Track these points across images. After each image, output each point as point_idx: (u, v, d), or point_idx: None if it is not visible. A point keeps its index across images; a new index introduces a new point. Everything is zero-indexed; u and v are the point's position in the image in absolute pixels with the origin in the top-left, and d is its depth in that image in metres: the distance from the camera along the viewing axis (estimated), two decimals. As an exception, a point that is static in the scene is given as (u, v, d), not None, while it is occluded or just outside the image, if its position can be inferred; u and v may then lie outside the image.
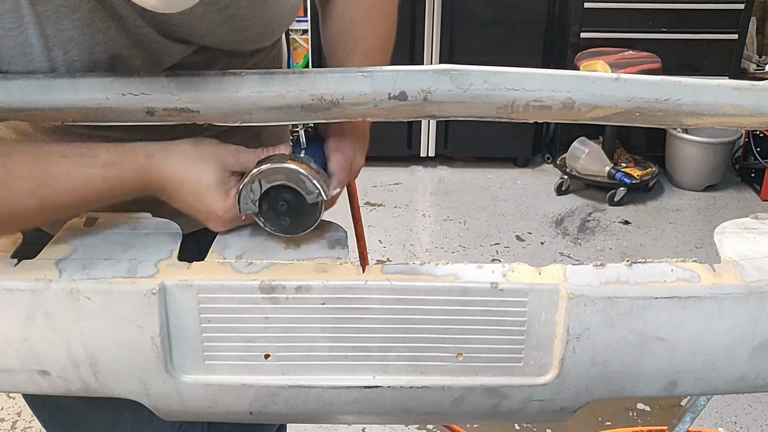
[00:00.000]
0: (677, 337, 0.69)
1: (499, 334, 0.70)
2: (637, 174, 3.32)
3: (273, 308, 0.69)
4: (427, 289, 0.69)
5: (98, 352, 0.70)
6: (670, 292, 0.68)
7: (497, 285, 0.68)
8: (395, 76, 0.72)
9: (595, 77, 0.73)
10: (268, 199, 0.73)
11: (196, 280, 0.69)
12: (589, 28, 3.38)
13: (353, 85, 0.72)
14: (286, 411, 0.74)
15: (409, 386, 0.72)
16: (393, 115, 0.75)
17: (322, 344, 0.70)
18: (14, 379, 0.73)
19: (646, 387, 0.73)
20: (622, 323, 0.68)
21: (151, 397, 0.73)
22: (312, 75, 0.73)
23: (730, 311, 0.68)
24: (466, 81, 0.72)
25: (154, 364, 0.70)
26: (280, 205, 0.73)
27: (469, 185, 3.57)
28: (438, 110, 0.74)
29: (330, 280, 0.69)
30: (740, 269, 0.70)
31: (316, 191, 0.72)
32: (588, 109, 0.74)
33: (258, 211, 0.73)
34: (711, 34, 3.37)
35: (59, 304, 0.68)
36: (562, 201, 3.41)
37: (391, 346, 0.71)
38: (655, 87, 0.73)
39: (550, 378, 0.71)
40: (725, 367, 0.71)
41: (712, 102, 0.74)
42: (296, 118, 0.75)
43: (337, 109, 0.74)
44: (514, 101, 0.73)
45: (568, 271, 0.70)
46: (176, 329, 0.69)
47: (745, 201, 3.44)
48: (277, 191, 0.73)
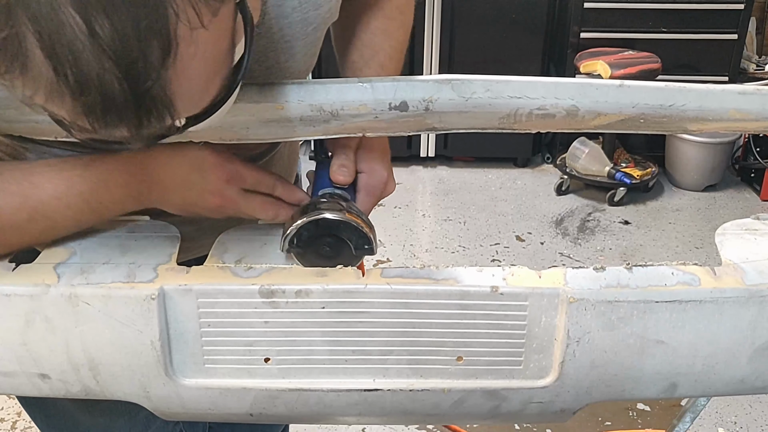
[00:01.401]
0: (677, 341, 0.69)
1: (499, 338, 0.70)
2: (637, 174, 3.32)
3: (273, 312, 0.69)
4: (427, 293, 0.68)
5: (98, 356, 0.70)
6: (671, 295, 0.68)
7: (497, 289, 0.68)
8: (396, 86, 0.71)
9: (599, 84, 0.72)
10: (314, 242, 0.72)
11: (196, 284, 0.68)
12: (589, 28, 3.38)
13: (353, 95, 0.71)
14: (287, 413, 0.74)
15: (409, 389, 0.72)
16: (394, 128, 0.73)
17: (322, 348, 0.70)
18: (14, 382, 0.73)
19: (646, 389, 0.73)
20: (623, 327, 0.68)
21: (151, 400, 0.73)
22: (311, 85, 0.72)
23: (731, 315, 0.68)
24: (468, 90, 0.71)
25: (154, 367, 0.70)
26: (324, 249, 0.72)
27: (468, 185, 3.56)
28: (439, 121, 0.73)
29: (330, 284, 0.69)
30: (741, 272, 0.70)
31: (365, 247, 0.72)
32: (592, 116, 0.73)
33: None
34: (711, 34, 3.37)
35: (58, 309, 0.68)
36: (562, 201, 3.41)
37: (391, 350, 0.70)
38: (660, 93, 0.73)
39: (550, 381, 0.71)
40: (725, 369, 0.71)
41: (717, 107, 0.74)
42: (295, 134, 0.73)
43: (337, 122, 0.72)
44: (517, 110, 0.72)
45: (568, 274, 0.69)
46: (176, 333, 0.69)
47: (745, 201, 3.44)
48: (327, 237, 0.72)
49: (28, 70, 0.45)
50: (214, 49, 0.51)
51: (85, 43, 0.44)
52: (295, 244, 0.71)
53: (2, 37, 0.44)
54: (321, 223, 0.71)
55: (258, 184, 0.75)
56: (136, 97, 0.47)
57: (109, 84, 0.45)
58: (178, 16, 0.46)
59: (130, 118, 0.48)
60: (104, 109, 0.46)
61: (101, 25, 0.43)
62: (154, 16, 0.45)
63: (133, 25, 0.44)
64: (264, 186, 0.75)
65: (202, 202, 0.73)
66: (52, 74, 0.45)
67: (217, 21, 0.49)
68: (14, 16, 0.43)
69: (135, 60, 0.45)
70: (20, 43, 0.44)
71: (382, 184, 0.81)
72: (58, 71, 0.45)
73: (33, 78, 0.45)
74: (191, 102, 0.52)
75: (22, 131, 0.71)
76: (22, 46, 0.44)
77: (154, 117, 0.48)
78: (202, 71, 0.51)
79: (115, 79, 0.45)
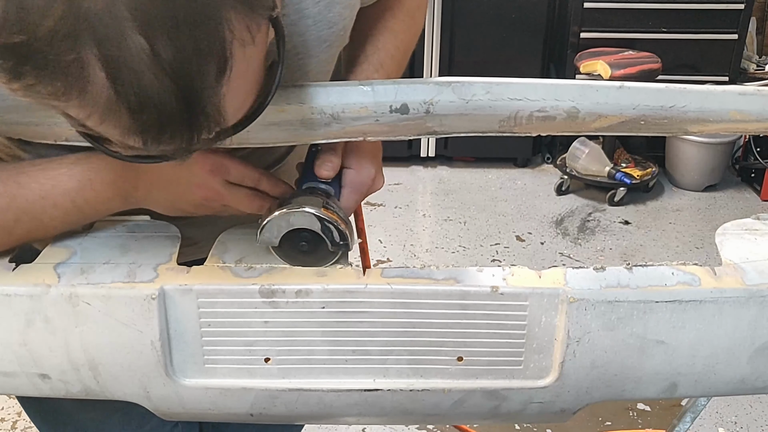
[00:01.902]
0: (677, 341, 0.69)
1: (499, 338, 0.70)
2: (637, 174, 3.32)
3: (273, 312, 0.69)
4: (428, 293, 0.69)
5: (98, 356, 0.70)
6: (671, 295, 0.68)
7: (497, 289, 0.68)
8: (396, 89, 0.71)
9: (599, 86, 0.72)
10: (290, 235, 0.72)
11: (196, 284, 0.68)
12: (589, 28, 3.38)
13: (354, 98, 0.71)
14: (287, 413, 0.74)
15: (410, 389, 0.72)
16: (394, 132, 0.73)
17: (323, 348, 0.70)
18: (14, 382, 0.73)
19: (646, 389, 0.73)
20: (623, 327, 0.68)
21: (151, 400, 0.73)
22: (312, 88, 0.71)
23: (731, 315, 0.68)
24: (469, 92, 0.71)
25: (154, 367, 0.70)
26: (300, 244, 0.72)
27: (469, 185, 3.56)
28: (440, 124, 0.73)
29: (330, 284, 0.69)
30: (741, 272, 0.70)
31: (342, 243, 0.71)
32: (593, 118, 0.73)
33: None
34: (711, 34, 3.36)
35: (58, 310, 0.68)
36: (562, 201, 3.41)
37: (391, 350, 0.71)
38: (660, 94, 0.73)
39: (550, 381, 0.71)
40: (725, 369, 0.72)
41: (718, 108, 0.74)
42: (296, 137, 0.73)
43: (338, 125, 0.72)
44: (517, 112, 0.72)
45: (569, 274, 0.69)
46: (176, 333, 0.69)
47: (745, 201, 3.44)
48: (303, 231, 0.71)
49: (87, 92, 0.46)
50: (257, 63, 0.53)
51: (148, 64, 0.45)
52: (269, 237, 0.71)
53: (67, 61, 0.45)
54: (296, 217, 0.71)
55: (242, 176, 0.75)
56: (192, 114, 0.48)
57: (168, 102, 0.47)
58: (234, 35, 0.48)
59: (183, 134, 0.49)
60: (160, 127, 0.48)
61: (164, 47, 0.45)
62: (212, 37, 0.47)
63: (193, 46, 0.46)
64: (249, 179, 0.75)
65: (189, 195, 0.74)
66: (113, 94, 0.46)
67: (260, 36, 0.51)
68: (81, 41, 0.44)
69: (193, 79, 0.47)
70: (83, 67, 0.45)
71: (369, 181, 0.80)
72: (119, 92, 0.46)
73: (91, 99, 0.47)
74: (237, 113, 0.54)
75: (22, 134, 0.71)
76: (85, 70, 0.45)
77: (206, 131, 0.50)
78: (247, 85, 0.53)
79: (173, 98, 0.47)
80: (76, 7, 0.43)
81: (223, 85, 0.49)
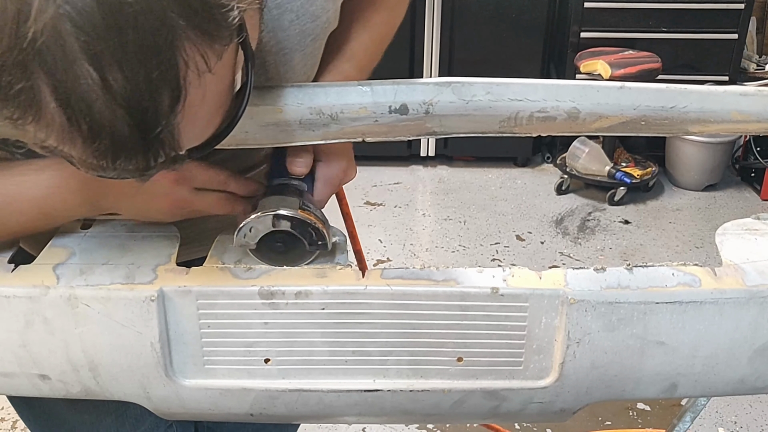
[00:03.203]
0: (678, 341, 0.69)
1: (499, 339, 0.70)
2: (637, 173, 3.32)
3: (273, 313, 0.69)
4: (427, 294, 0.68)
5: (98, 357, 0.70)
6: (671, 296, 0.68)
7: (497, 290, 0.68)
8: (396, 89, 0.71)
9: (600, 86, 0.72)
10: (267, 237, 0.71)
11: (195, 286, 0.68)
12: (589, 27, 3.38)
13: (353, 98, 0.70)
14: (287, 413, 0.74)
15: (409, 390, 0.72)
16: (394, 132, 0.73)
17: (322, 348, 0.70)
18: (14, 382, 0.73)
19: (646, 390, 0.73)
20: (623, 328, 0.68)
21: (151, 400, 0.73)
22: (310, 88, 0.71)
23: (731, 315, 0.68)
24: (469, 92, 0.71)
25: (153, 368, 0.70)
26: (277, 245, 0.72)
27: (469, 185, 3.56)
28: (439, 125, 0.73)
29: (330, 286, 0.69)
30: (741, 273, 0.70)
31: (319, 243, 0.71)
32: (593, 119, 0.72)
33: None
34: (711, 34, 3.36)
35: (58, 311, 0.68)
36: (562, 201, 3.41)
37: (391, 350, 0.70)
38: (661, 95, 0.72)
39: (550, 381, 0.71)
40: (725, 370, 0.71)
41: (719, 109, 0.73)
42: (294, 138, 0.72)
43: (336, 125, 0.71)
44: (517, 112, 0.72)
45: (569, 275, 0.69)
46: (176, 335, 0.69)
47: (745, 201, 3.44)
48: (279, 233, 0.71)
49: (41, 118, 0.46)
50: (218, 89, 0.52)
51: (99, 93, 0.45)
52: (246, 240, 0.71)
53: (18, 89, 0.45)
54: (273, 219, 0.70)
55: (209, 181, 0.74)
56: (146, 142, 0.48)
57: (120, 131, 0.46)
58: (188, 65, 0.47)
59: (139, 160, 0.49)
60: (114, 153, 0.48)
61: (114, 77, 0.45)
62: (165, 67, 0.46)
63: (144, 76, 0.45)
64: (215, 183, 0.75)
65: (155, 204, 0.73)
66: (65, 122, 0.46)
67: (221, 63, 0.50)
68: (30, 70, 0.44)
69: (146, 109, 0.46)
70: (35, 94, 0.45)
71: (341, 173, 0.80)
72: (72, 120, 0.46)
73: (46, 124, 0.46)
74: (195, 138, 0.54)
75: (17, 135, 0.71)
76: (37, 97, 0.45)
77: (161, 157, 0.50)
78: (207, 111, 0.52)
79: (126, 127, 0.46)
80: (22, 38, 0.43)
81: (178, 114, 0.48)
